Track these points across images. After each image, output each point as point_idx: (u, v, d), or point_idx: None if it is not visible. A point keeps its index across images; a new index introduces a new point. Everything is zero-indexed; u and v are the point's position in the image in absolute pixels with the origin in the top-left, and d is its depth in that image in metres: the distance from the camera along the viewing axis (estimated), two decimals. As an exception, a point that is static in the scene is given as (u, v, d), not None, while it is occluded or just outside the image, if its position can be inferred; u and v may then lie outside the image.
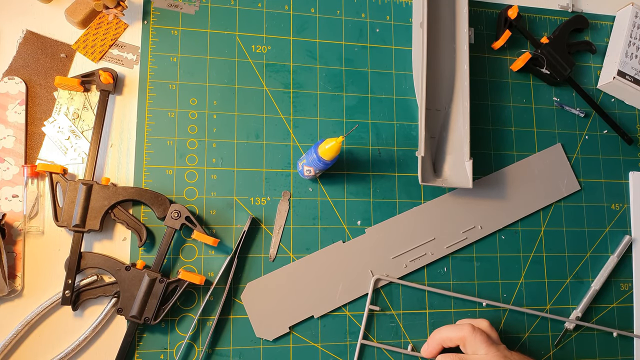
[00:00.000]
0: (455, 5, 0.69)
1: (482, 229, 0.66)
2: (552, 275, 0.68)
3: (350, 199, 0.64)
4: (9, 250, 0.55)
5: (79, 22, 0.59)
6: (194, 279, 0.55)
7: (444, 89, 0.67)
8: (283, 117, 0.64)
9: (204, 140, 0.61)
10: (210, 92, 0.62)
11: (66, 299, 0.53)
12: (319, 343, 0.60)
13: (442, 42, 0.68)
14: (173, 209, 0.55)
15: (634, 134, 0.75)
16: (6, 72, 0.58)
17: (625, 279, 0.70)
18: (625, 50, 0.73)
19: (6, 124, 0.57)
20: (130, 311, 0.54)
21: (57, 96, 0.59)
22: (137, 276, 0.54)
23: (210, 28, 0.64)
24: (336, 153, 0.55)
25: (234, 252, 0.58)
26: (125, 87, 0.61)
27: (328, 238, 0.62)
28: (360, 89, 0.66)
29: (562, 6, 0.76)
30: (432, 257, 0.64)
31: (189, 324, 0.57)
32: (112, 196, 0.55)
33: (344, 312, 0.61)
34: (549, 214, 0.69)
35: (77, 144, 0.58)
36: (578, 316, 0.66)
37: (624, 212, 0.72)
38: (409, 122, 0.67)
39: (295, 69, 0.65)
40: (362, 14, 0.68)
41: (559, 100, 0.73)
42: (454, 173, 0.64)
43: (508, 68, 0.72)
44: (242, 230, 0.59)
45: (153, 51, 0.62)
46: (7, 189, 0.56)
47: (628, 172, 0.73)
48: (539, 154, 0.70)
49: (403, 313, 0.63)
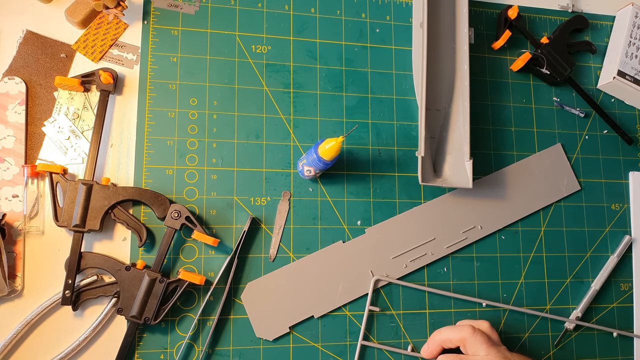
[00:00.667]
0: (455, 5, 0.69)
1: (482, 229, 0.66)
2: (552, 275, 0.68)
3: (350, 199, 0.64)
4: (9, 250, 0.55)
5: (79, 22, 0.59)
6: (194, 279, 0.55)
7: (444, 89, 0.67)
8: (283, 117, 0.64)
9: (204, 140, 0.61)
10: (210, 92, 0.62)
11: (66, 299, 0.53)
12: (319, 343, 0.60)
13: (442, 42, 0.68)
14: (173, 209, 0.55)
15: (634, 134, 0.75)
16: (6, 72, 0.58)
17: (625, 279, 0.70)
18: (625, 50, 0.73)
19: (6, 124, 0.57)
20: (130, 311, 0.54)
21: (57, 96, 0.59)
22: (137, 276, 0.54)
23: (210, 28, 0.64)
24: (336, 153, 0.55)
25: (234, 252, 0.58)
26: (125, 87, 0.61)
27: (328, 238, 0.62)
28: (360, 89, 0.66)
29: (562, 6, 0.76)
30: (432, 257, 0.64)
31: (189, 324, 0.57)
32: (112, 196, 0.55)
33: (344, 312, 0.61)
34: (549, 214, 0.69)
35: (77, 144, 0.58)
36: (578, 316, 0.66)
37: (624, 212, 0.72)
38: (409, 122, 0.67)
39: (295, 69, 0.65)
40: (362, 14, 0.68)
41: (559, 100, 0.73)
42: (454, 173, 0.64)
43: (508, 68, 0.72)
44: (242, 230, 0.59)
45: (153, 51, 0.62)
46: (7, 189, 0.56)
47: (628, 172, 0.73)
48: (539, 154, 0.70)
49: (403, 313, 0.63)
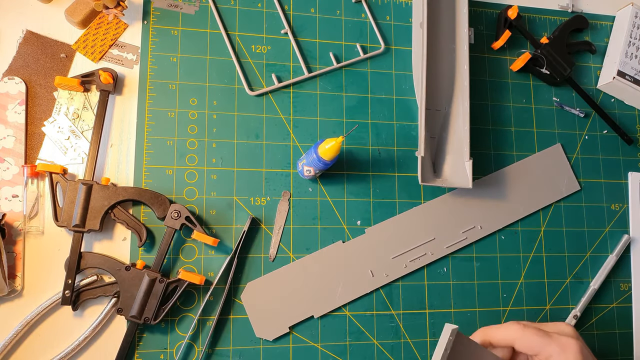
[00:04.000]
0: (455, 5, 0.69)
1: (482, 229, 0.66)
2: (551, 276, 0.68)
3: (350, 199, 0.64)
4: (9, 250, 0.55)
5: (79, 22, 0.59)
6: (194, 279, 0.55)
7: (444, 89, 0.67)
8: (283, 117, 0.64)
9: (204, 140, 0.61)
10: (210, 92, 0.62)
11: (66, 299, 0.53)
12: (319, 343, 0.60)
13: (442, 42, 0.68)
14: (173, 209, 0.55)
15: (634, 134, 0.75)
16: (6, 72, 0.58)
17: (625, 279, 0.70)
18: (625, 51, 0.73)
19: (6, 124, 0.57)
20: (130, 311, 0.54)
21: (57, 96, 0.59)
22: (137, 276, 0.54)
23: (210, 28, 0.64)
24: (336, 153, 0.55)
25: (234, 252, 0.58)
26: (125, 87, 0.61)
27: (328, 238, 0.62)
28: (360, 89, 0.66)
29: (562, 6, 0.76)
30: (432, 257, 0.64)
31: (189, 324, 0.57)
32: (112, 196, 0.55)
33: (344, 312, 0.61)
34: (548, 214, 0.69)
35: (77, 144, 0.58)
36: (577, 315, 0.66)
37: (623, 212, 0.72)
38: (409, 122, 0.67)
39: (295, 69, 0.65)
40: (362, 14, 0.68)
41: (559, 101, 0.73)
42: (454, 173, 0.64)
43: (508, 68, 0.72)
44: (242, 230, 0.59)
45: (153, 51, 0.62)
46: (7, 189, 0.56)
47: (628, 172, 0.73)
48: (539, 154, 0.70)
49: (403, 313, 0.63)
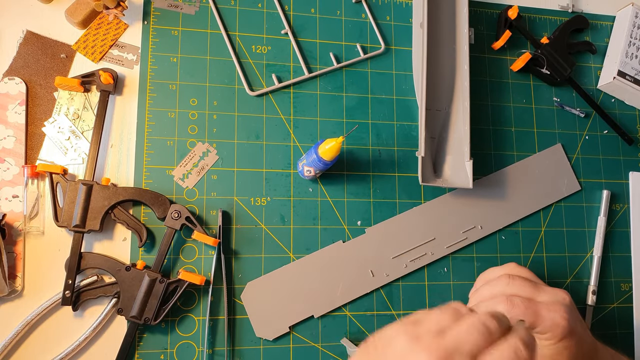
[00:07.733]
0: (455, 6, 0.69)
1: (482, 229, 0.66)
2: (552, 276, 0.68)
3: (351, 199, 0.64)
4: (9, 251, 0.55)
5: (79, 22, 0.59)
6: (194, 279, 0.55)
7: (444, 89, 0.67)
8: (283, 117, 0.64)
9: (204, 140, 0.61)
10: (210, 92, 0.62)
11: (66, 299, 0.53)
12: (319, 343, 0.60)
13: (442, 42, 0.68)
14: (173, 209, 0.55)
15: (634, 134, 0.75)
16: (6, 72, 0.58)
17: (625, 279, 0.70)
18: (626, 51, 0.73)
19: (6, 124, 0.57)
20: (130, 311, 0.54)
21: (57, 96, 0.59)
22: (137, 276, 0.54)
23: (210, 28, 0.64)
24: (336, 153, 0.55)
25: (217, 250, 0.58)
26: (126, 87, 0.61)
27: (328, 238, 0.62)
28: (360, 89, 0.66)
29: (562, 6, 0.76)
30: (432, 257, 0.64)
31: (189, 324, 0.57)
32: (112, 196, 0.55)
33: (344, 312, 0.61)
34: (549, 214, 0.69)
35: (77, 144, 0.58)
36: (594, 290, 0.67)
37: (624, 212, 0.72)
38: (409, 123, 0.67)
39: (296, 69, 0.65)
40: (362, 14, 0.68)
41: (559, 101, 0.73)
42: (454, 173, 0.64)
43: (508, 68, 0.72)
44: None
45: (153, 51, 0.62)
46: (7, 189, 0.56)
47: (628, 173, 0.73)
48: (539, 154, 0.70)
49: (403, 313, 0.63)
